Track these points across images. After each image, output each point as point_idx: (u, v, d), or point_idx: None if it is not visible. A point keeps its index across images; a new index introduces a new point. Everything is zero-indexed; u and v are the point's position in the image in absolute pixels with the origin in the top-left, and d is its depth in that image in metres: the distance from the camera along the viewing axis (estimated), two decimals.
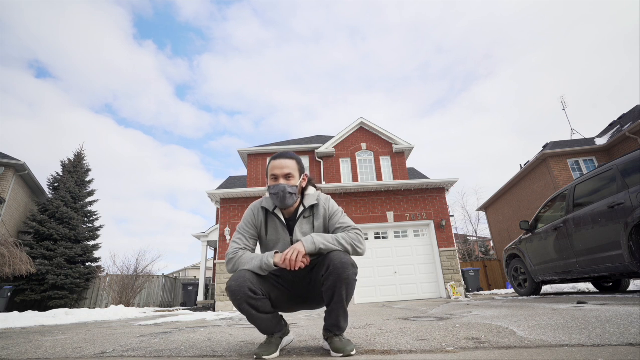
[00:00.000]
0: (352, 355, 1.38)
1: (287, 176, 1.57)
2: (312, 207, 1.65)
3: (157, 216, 69.29)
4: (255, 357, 1.42)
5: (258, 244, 1.72)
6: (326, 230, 1.64)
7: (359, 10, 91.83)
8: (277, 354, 1.49)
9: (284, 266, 1.42)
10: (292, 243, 1.59)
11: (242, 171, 17.10)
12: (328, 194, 10.40)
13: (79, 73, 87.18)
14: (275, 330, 1.56)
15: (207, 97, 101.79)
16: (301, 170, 1.65)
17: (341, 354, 1.37)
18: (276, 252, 1.50)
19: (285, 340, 1.65)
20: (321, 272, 1.45)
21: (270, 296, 1.52)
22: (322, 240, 1.46)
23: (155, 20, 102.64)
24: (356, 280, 1.45)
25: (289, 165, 1.58)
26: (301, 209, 1.63)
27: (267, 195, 1.67)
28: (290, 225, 1.64)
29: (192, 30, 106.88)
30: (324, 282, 1.43)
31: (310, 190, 1.70)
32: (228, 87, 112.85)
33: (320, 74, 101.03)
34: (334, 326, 1.48)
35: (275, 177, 1.57)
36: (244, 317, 4.94)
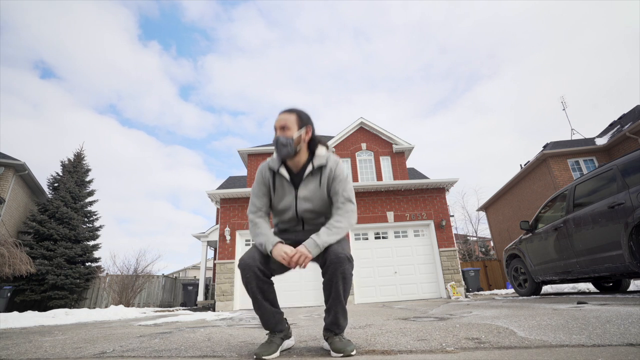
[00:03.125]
0: (352, 355, 1.38)
1: (283, 128, 1.61)
2: (321, 168, 1.67)
3: (158, 216, 69.27)
4: (255, 357, 1.42)
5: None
6: (328, 190, 1.66)
7: (363, 11, 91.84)
8: (277, 354, 1.49)
9: (284, 262, 1.47)
10: (296, 198, 1.65)
11: (244, 171, 17.11)
12: None
13: (84, 74, 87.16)
14: (276, 327, 1.58)
15: (210, 98, 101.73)
16: (301, 123, 1.64)
17: (341, 354, 1.37)
18: (279, 242, 1.53)
19: (286, 343, 1.65)
20: (320, 262, 1.53)
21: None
22: (326, 239, 1.49)
23: (161, 21, 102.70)
24: (352, 275, 1.49)
25: (286, 118, 1.62)
26: (310, 168, 1.65)
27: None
28: (295, 182, 1.68)
29: (197, 31, 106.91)
30: (323, 276, 1.49)
31: (322, 151, 1.71)
32: (232, 88, 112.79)
33: (323, 74, 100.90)
34: (333, 324, 1.49)
35: (275, 130, 1.64)
36: (244, 317, 4.94)
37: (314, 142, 1.70)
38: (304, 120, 1.66)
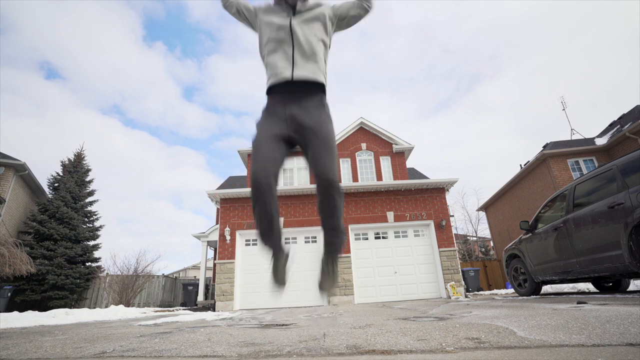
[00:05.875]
0: (335, 294, 1.43)
1: None
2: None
3: (160, 216, 68.95)
4: (273, 284, 1.42)
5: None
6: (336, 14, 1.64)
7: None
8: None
9: None
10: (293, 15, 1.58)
11: (245, 171, 17.08)
12: None
13: (88, 74, 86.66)
14: (274, 244, 1.47)
15: (214, 98, 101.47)
16: None
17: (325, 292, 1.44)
18: None
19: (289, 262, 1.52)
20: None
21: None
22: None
23: (166, 21, 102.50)
24: (342, 195, 1.44)
25: None
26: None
27: None
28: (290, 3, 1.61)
29: (202, 31, 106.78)
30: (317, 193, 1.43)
31: None
32: (235, 88, 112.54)
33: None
34: (330, 227, 1.46)
35: None
36: (244, 317, 4.94)
37: None
38: None
